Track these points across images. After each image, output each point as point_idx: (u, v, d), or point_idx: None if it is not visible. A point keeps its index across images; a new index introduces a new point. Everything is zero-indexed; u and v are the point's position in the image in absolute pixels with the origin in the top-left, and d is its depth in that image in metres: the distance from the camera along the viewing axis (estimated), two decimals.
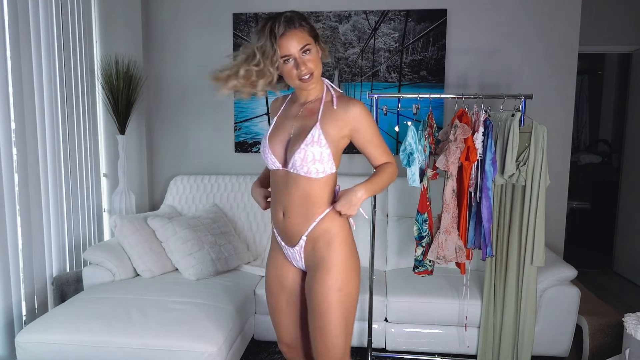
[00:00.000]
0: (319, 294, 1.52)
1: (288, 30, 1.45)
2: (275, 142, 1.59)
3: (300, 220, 1.56)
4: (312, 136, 1.50)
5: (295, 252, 1.62)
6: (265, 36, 1.45)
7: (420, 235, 2.43)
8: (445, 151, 2.33)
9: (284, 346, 1.77)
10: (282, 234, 1.64)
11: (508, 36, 3.29)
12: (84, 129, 3.15)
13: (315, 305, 1.53)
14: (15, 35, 2.46)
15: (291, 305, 1.69)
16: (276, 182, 1.61)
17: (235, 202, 3.28)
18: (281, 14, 1.49)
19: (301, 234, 1.57)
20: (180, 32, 3.50)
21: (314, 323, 1.55)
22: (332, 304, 1.51)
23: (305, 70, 1.49)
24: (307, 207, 1.55)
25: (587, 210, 5.33)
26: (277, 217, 1.62)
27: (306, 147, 1.49)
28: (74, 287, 2.76)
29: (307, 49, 1.48)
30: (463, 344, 2.61)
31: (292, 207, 1.56)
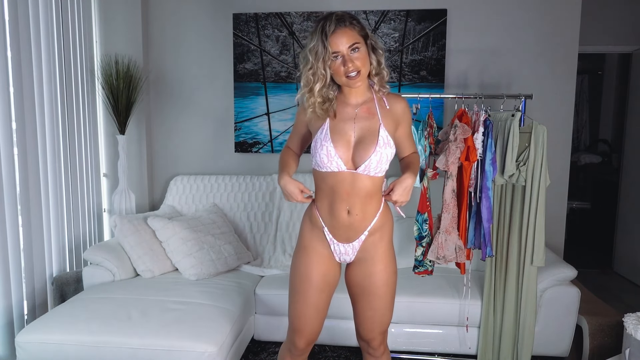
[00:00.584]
0: (380, 279, 1.70)
1: (338, 28, 1.52)
2: (340, 145, 1.60)
3: (365, 216, 1.66)
4: (382, 138, 1.60)
5: (350, 247, 1.70)
6: (317, 36, 1.52)
7: (420, 235, 2.43)
8: (445, 151, 2.33)
9: (304, 342, 1.76)
10: (343, 232, 1.68)
11: (508, 36, 3.29)
12: (84, 129, 3.15)
13: (374, 290, 1.70)
14: (16, 35, 2.46)
15: (328, 301, 1.77)
16: (336, 184, 1.63)
17: (235, 202, 3.28)
18: (332, 13, 1.55)
19: (364, 230, 1.68)
20: (180, 32, 3.51)
21: (371, 304, 1.71)
22: (391, 286, 1.73)
23: (352, 67, 1.54)
24: (370, 203, 1.66)
25: (587, 210, 5.33)
26: (340, 216, 1.65)
27: (381, 150, 1.59)
28: (74, 287, 2.76)
29: (355, 47, 1.54)
30: (463, 344, 2.61)
31: (359, 205, 1.64)
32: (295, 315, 1.74)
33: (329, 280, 1.73)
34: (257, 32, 3.43)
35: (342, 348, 2.75)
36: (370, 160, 1.58)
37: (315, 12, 3.36)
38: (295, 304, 1.74)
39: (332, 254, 1.73)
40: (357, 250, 1.71)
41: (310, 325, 1.74)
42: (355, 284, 1.74)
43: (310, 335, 1.76)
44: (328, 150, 1.59)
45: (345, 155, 1.61)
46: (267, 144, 3.52)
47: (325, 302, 1.75)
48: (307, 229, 1.74)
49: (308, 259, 1.71)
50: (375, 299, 1.71)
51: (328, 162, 1.60)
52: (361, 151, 1.60)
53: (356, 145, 1.61)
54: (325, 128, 1.62)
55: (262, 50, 3.44)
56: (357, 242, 1.69)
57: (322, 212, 1.69)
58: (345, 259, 1.74)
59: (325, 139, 1.60)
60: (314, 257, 1.71)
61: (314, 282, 1.70)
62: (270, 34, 3.42)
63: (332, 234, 1.69)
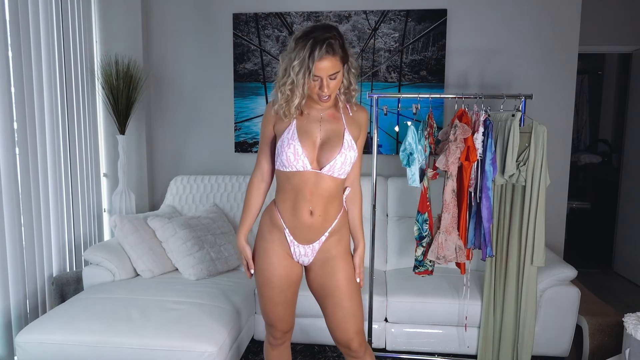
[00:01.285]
0: (343, 278, 1.73)
1: (326, 56, 1.53)
2: (306, 145, 1.64)
3: (327, 218, 1.71)
4: (347, 141, 1.66)
5: (309, 248, 1.73)
6: (304, 55, 1.54)
7: (421, 235, 2.43)
8: (445, 151, 2.33)
9: (280, 333, 1.85)
10: (305, 233, 1.70)
11: (508, 36, 3.29)
12: (84, 129, 3.15)
13: (340, 288, 1.72)
14: (16, 35, 2.46)
15: (294, 297, 1.82)
16: (301, 183, 1.65)
17: (235, 202, 3.28)
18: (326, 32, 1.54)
19: (324, 231, 1.72)
20: (180, 32, 3.51)
21: (340, 304, 1.73)
22: (355, 285, 1.76)
23: (327, 92, 1.60)
24: (332, 205, 1.71)
25: (587, 210, 5.33)
26: (301, 217, 1.68)
27: (346, 152, 1.64)
28: (74, 287, 2.76)
29: (334, 77, 1.59)
30: (463, 344, 2.61)
31: (321, 206, 1.68)
32: (266, 313, 1.82)
33: (291, 280, 1.77)
34: (257, 32, 3.43)
35: None
36: (335, 161, 1.63)
37: (315, 12, 3.36)
38: (264, 305, 1.81)
39: (292, 254, 1.75)
40: (317, 252, 1.74)
41: (281, 319, 1.81)
42: (320, 286, 1.76)
43: (284, 326, 1.84)
44: (295, 148, 1.62)
45: (310, 155, 1.64)
46: None
47: (291, 298, 1.80)
48: (267, 230, 1.76)
49: (269, 261, 1.75)
50: (343, 298, 1.72)
51: (294, 161, 1.63)
52: (327, 152, 1.64)
53: (321, 146, 1.65)
54: (292, 128, 1.66)
55: (262, 50, 3.44)
56: (317, 244, 1.73)
57: (284, 213, 1.71)
58: (304, 260, 1.77)
59: (293, 138, 1.64)
60: (274, 259, 1.74)
61: (276, 285, 1.75)
62: (270, 34, 3.42)
63: (293, 235, 1.72)
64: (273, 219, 1.74)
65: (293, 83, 1.57)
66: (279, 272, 1.74)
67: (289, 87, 1.58)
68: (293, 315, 1.86)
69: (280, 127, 1.70)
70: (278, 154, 1.67)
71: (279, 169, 1.70)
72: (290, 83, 1.58)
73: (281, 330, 1.84)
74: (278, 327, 1.83)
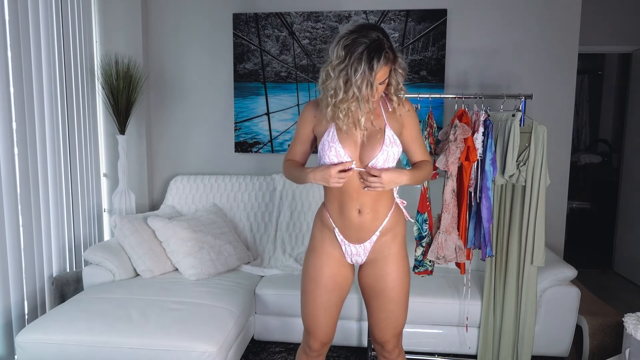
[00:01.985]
0: (392, 281, 1.71)
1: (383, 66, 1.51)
2: (347, 145, 1.62)
3: (376, 216, 1.68)
4: (388, 137, 1.63)
5: (361, 248, 1.71)
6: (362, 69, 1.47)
7: (420, 235, 2.43)
8: (445, 151, 2.33)
9: (318, 344, 1.78)
10: (354, 232, 1.69)
11: (508, 36, 3.29)
12: (84, 129, 3.15)
13: (387, 292, 1.71)
14: (16, 35, 2.46)
15: (340, 303, 1.78)
16: (346, 184, 1.63)
17: (235, 202, 3.28)
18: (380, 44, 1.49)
19: (375, 230, 1.69)
20: (180, 32, 3.51)
21: (384, 306, 1.72)
22: (404, 288, 1.74)
23: (376, 97, 1.59)
24: (380, 203, 1.68)
25: (587, 210, 5.32)
26: (350, 216, 1.67)
27: (387, 149, 1.62)
28: (74, 287, 2.76)
29: (385, 81, 1.59)
30: (463, 344, 2.61)
31: (369, 204, 1.66)
32: (307, 316, 1.77)
33: (338, 282, 1.74)
34: (257, 32, 3.43)
35: (342, 348, 2.75)
36: (377, 159, 1.61)
37: (315, 12, 3.36)
38: (306, 305, 1.76)
39: (344, 255, 1.74)
40: (369, 251, 1.72)
41: (321, 326, 1.75)
42: (368, 286, 1.75)
43: (323, 337, 1.77)
44: (337, 150, 1.61)
45: (353, 154, 1.62)
46: (267, 144, 3.52)
47: (335, 304, 1.75)
48: (318, 230, 1.76)
49: (317, 260, 1.73)
50: (388, 301, 1.72)
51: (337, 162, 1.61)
52: (368, 150, 1.62)
53: (363, 145, 1.63)
54: (332, 130, 1.64)
55: (262, 50, 3.44)
56: (368, 243, 1.71)
57: (333, 213, 1.71)
58: (357, 260, 1.75)
59: (333, 140, 1.62)
60: (324, 258, 1.72)
61: (321, 284, 1.71)
62: (270, 34, 3.42)
63: (343, 235, 1.71)
64: (323, 219, 1.74)
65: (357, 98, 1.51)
66: (326, 270, 1.71)
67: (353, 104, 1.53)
68: (334, 325, 1.79)
69: (321, 129, 1.68)
70: (320, 157, 1.66)
71: None
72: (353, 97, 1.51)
73: (320, 340, 1.77)
74: (317, 334, 1.76)
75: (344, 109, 1.55)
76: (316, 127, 1.71)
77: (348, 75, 1.49)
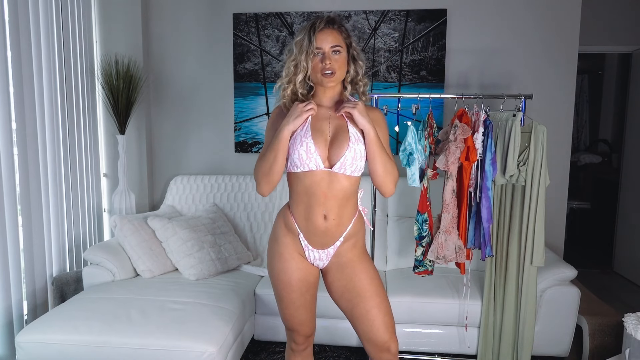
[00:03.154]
0: (367, 277, 1.69)
1: (327, 27, 1.59)
2: (318, 142, 1.60)
3: (341, 222, 1.66)
4: (352, 135, 1.60)
5: (324, 253, 1.70)
6: (305, 30, 1.60)
7: (421, 235, 2.43)
8: (445, 151, 2.33)
9: (303, 338, 1.80)
10: (319, 238, 1.66)
11: (508, 36, 3.29)
12: (84, 129, 3.15)
13: (367, 287, 1.68)
14: (16, 35, 2.46)
15: (314, 300, 1.79)
16: (313, 185, 1.61)
17: (235, 202, 3.28)
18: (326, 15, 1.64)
19: (339, 236, 1.68)
20: (180, 32, 3.51)
21: (371, 302, 1.67)
22: (379, 284, 1.71)
23: (329, 66, 1.58)
24: (346, 208, 1.66)
25: (587, 210, 5.33)
26: (315, 222, 1.64)
27: (354, 145, 1.59)
28: (74, 287, 2.76)
29: (337, 49, 1.59)
30: (463, 344, 2.61)
31: (334, 210, 1.63)
32: (287, 318, 1.77)
33: (309, 281, 1.73)
34: (257, 32, 3.43)
35: (342, 348, 2.75)
36: (345, 157, 1.58)
37: (315, 12, 3.36)
38: (285, 309, 1.76)
39: (307, 258, 1.73)
40: (332, 256, 1.71)
41: (302, 323, 1.77)
42: (343, 290, 1.71)
43: (306, 330, 1.80)
44: (308, 146, 1.58)
45: (322, 153, 1.60)
46: None
47: (311, 301, 1.76)
48: (282, 234, 1.72)
49: (287, 265, 1.71)
50: (373, 296, 1.68)
51: (307, 159, 1.59)
52: (336, 149, 1.60)
53: (331, 143, 1.62)
54: (306, 125, 1.62)
55: (262, 50, 3.44)
56: (332, 249, 1.70)
57: (298, 218, 1.67)
58: (319, 264, 1.73)
59: (306, 135, 1.60)
60: (293, 263, 1.70)
61: (296, 288, 1.71)
62: (270, 34, 3.42)
63: (308, 240, 1.68)
64: (287, 223, 1.71)
65: (296, 59, 1.60)
66: (297, 274, 1.70)
67: (293, 63, 1.61)
68: (314, 318, 1.81)
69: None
70: (289, 154, 1.62)
71: (291, 171, 1.65)
72: (292, 59, 1.61)
73: (304, 334, 1.79)
74: (300, 331, 1.78)
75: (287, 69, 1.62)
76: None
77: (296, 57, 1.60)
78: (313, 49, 1.57)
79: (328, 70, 1.58)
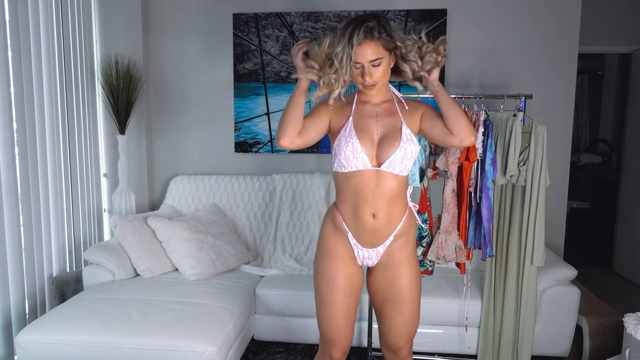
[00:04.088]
0: (406, 284, 1.67)
1: (365, 41, 1.51)
2: (364, 141, 1.59)
3: (391, 220, 1.64)
4: (405, 135, 1.60)
5: (374, 252, 1.68)
6: (344, 42, 1.52)
7: (421, 235, 2.43)
8: (445, 151, 2.33)
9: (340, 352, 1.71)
10: (368, 236, 1.64)
11: (508, 36, 3.29)
12: (84, 129, 3.15)
13: (402, 295, 1.67)
14: (16, 35, 2.46)
15: (357, 305, 1.74)
16: (361, 184, 1.59)
17: (235, 202, 3.28)
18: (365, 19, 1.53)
19: (389, 234, 1.65)
20: (181, 32, 3.50)
21: (399, 310, 1.67)
22: (417, 292, 1.70)
23: (370, 81, 1.57)
24: (395, 206, 1.64)
25: (587, 210, 5.33)
26: (364, 220, 1.62)
27: (405, 145, 1.58)
28: (74, 287, 2.76)
29: (377, 63, 1.55)
30: (463, 344, 2.61)
31: (384, 208, 1.61)
32: (326, 322, 1.68)
33: (354, 284, 1.69)
34: (257, 32, 3.43)
35: None
36: (394, 156, 1.57)
37: (315, 12, 3.36)
38: (325, 311, 1.68)
39: (355, 258, 1.70)
40: (381, 255, 1.69)
41: (342, 331, 1.68)
42: (381, 291, 1.71)
43: (345, 342, 1.71)
44: (354, 146, 1.57)
45: (370, 152, 1.59)
46: (267, 144, 3.52)
47: (353, 307, 1.70)
48: (330, 233, 1.69)
49: (333, 262, 1.67)
50: (403, 305, 1.67)
51: (354, 159, 1.57)
52: (385, 147, 1.58)
53: (380, 142, 1.60)
54: (349, 125, 1.60)
55: (262, 50, 3.44)
56: (381, 247, 1.67)
57: (346, 217, 1.65)
58: (368, 263, 1.71)
59: (351, 136, 1.58)
60: (339, 260, 1.67)
61: (340, 287, 1.65)
62: (270, 34, 3.42)
63: (357, 239, 1.66)
64: (335, 222, 1.68)
65: (336, 72, 1.54)
66: (342, 272, 1.66)
67: (334, 76, 1.55)
68: (352, 330, 1.72)
69: (337, 124, 1.64)
70: (335, 154, 1.61)
71: (337, 171, 1.63)
72: (334, 72, 1.55)
73: (341, 347, 1.70)
74: (337, 342, 1.68)
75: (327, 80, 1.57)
76: (333, 120, 1.66)
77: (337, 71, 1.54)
78: (352, 64, 1.53)
79: (368, 84, 1.57)
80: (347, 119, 1.63)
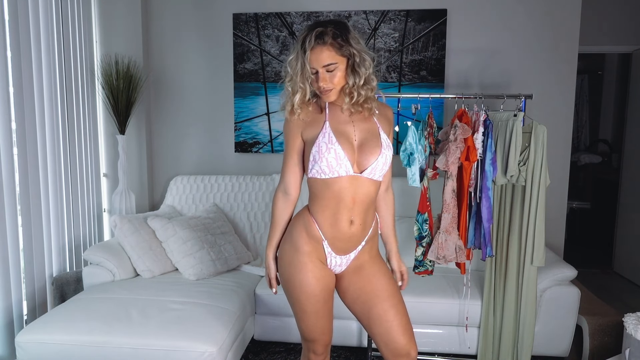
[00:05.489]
0: (384, 278, 1.68)
1: (317, 46, 1.49)
2: (345, 147, 1.54)
3: (365, 226, 1.64)
4: (384, 140, 1.59)
5: (345, 258, 1.66)
6: (297, 49, 1.52)
7: (421, 235, 2.43)
8: (445, 151, 2.33)
9: (322, 347, 1.73)
10: (344, 244, 1.62)
11: (508, 36, 3.29)
12: (84, 129, 3.15)
13: (386, 286, 1.67)
14: (16, 35, 2.46)
15: (331, 308, 1.73)
16: (342, 190, 1.55)
17: (235, 202, 3.28)
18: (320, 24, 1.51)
19: (362, 240, 1.66)
20: (180, 32, 3.51)
21: (389, 303, 1.65)
22: (396, 285, 1.71)
23: (324, 86, 1.53)
24: (369, 212, 1.64)
25: (587, 210, 5.33)
26: (342, 228, 1.59)
27: (386, 151, 1.58)
28: (74, 287, 2.76)
29: (331, 68, 1.51)
30: (463, 344, 2.61)
31: (361, 215, 1.60)
32: (309, 329, 1.68)
33: (330, 289, 1.68)
34: (257, 32, 3.43)
35: (342, 348, 2.75)
36: (377, 162, 1.55)
37: (315, 12, 3.36)
38: (306, 320, 1.66)
39: (327, 264, 1.67)
40: (351, 260, 1.68)
41: (324, 332, 1.70)
42: (360, 292, 1.67)
43: (327, 338, 1.73)
44: (337, 152, 1.52)
45: (351, 157, 1.54)
46: (267, 144, 3.52)
47: (330, 308, 1.70)
48: (303, 242, 1.61)
49: (311, 275, 1.61)
50: (390, 297, 1.64)
51: (337, 166, 1.52)
52: (367, 154, 1.56)
53: (360, 148, 1.57)
54: (327, 130, 1.54)
55: (262, 50, 3.44)
56: (353, 253, 1.66)
57: (323, 225, 1.59)
58: (337, 269, 1.69)
59: (331, 142, 1.53)
60: (316, 272, 1.62)
61: (320, 297, 1.63)
62: (270, 34, 3.42)
63: (332, 247, 1.62)
64: (310, 230, 1.61)
65: (292, 80, 1.53)
66: (321, 283, 1.62)
67: (290, 84, 1.55)
68: (332, 326, 1.74)
69: (312, 133, 1.58)
70: (315, 161, 1.54)
71: (316, 177, 1.57)
72: (289, 80, 1.55)
73: (324, 343, 1.72)
74: (321, 340, 1.70)
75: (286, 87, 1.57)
76: (305, 131, 1.60)
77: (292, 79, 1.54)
78: (307, 72, 1.50)
79: (323, 89, 1.53)
80: (322, 125, 1.57)
